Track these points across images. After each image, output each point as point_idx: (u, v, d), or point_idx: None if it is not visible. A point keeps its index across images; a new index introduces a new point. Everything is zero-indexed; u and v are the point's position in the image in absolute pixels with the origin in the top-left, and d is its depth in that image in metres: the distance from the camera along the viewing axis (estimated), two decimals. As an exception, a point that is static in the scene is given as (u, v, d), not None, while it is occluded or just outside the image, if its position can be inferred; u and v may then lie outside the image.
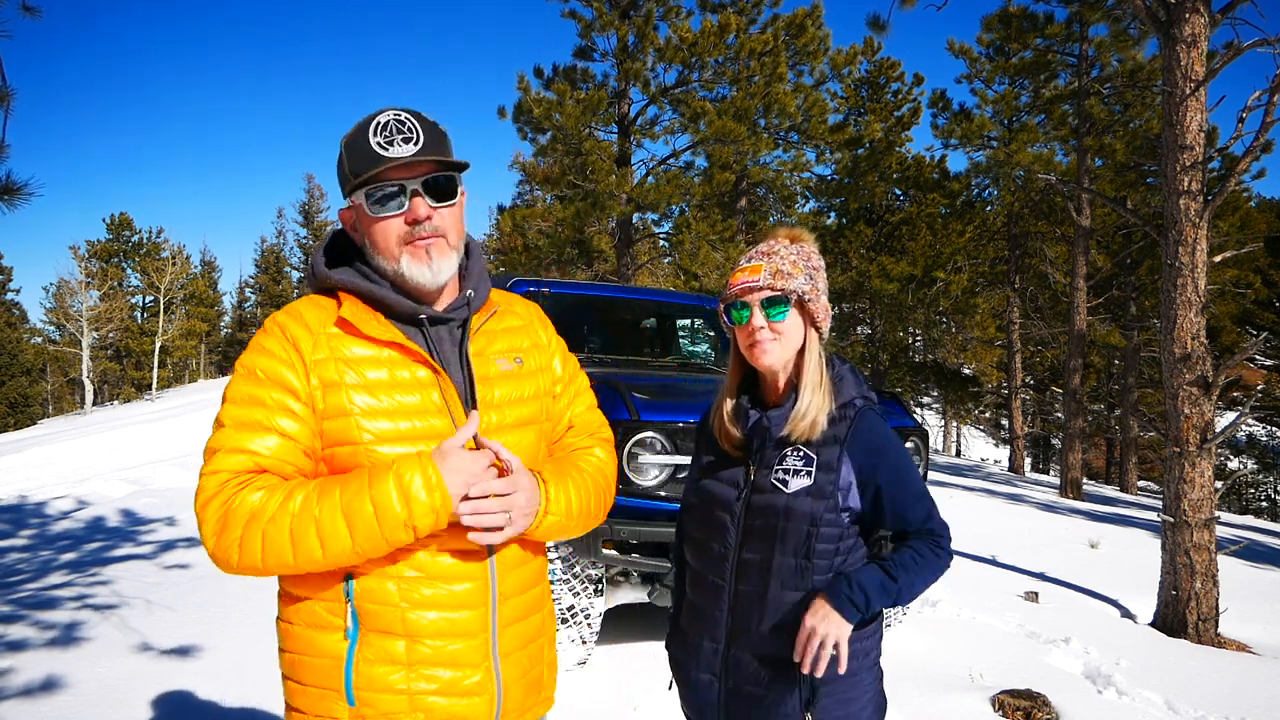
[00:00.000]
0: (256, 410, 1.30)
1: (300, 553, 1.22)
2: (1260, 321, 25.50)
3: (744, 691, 1.62)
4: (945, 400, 30.90)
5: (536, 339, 1.58)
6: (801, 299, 1.61)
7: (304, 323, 1.36)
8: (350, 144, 1.36)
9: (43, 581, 5.08)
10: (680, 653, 1.76)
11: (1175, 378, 5.57)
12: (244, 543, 1.23)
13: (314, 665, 1.33)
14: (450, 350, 1.43)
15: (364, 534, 1.21)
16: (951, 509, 9.45)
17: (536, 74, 14.92)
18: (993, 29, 16.47)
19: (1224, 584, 5.71)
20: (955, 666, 4.27)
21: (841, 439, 1.61)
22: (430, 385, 1.36)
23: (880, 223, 23.03)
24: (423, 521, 1.22)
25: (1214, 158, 5.83)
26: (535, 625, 1.49)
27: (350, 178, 1.36)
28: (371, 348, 1.35)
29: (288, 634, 1.39)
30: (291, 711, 1.38)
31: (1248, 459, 29.84)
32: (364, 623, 1.31)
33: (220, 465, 1.27)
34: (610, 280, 17.39)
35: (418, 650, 1.31)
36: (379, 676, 1.30)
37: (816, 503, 1.57)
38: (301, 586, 1.36)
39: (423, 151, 1.34)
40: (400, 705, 1.31)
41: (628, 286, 7.54)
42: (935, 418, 37.35)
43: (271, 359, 1.32)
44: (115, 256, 46.46)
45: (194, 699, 3.37)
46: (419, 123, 1.37)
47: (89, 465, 12.70)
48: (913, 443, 4.41)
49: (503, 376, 1.45)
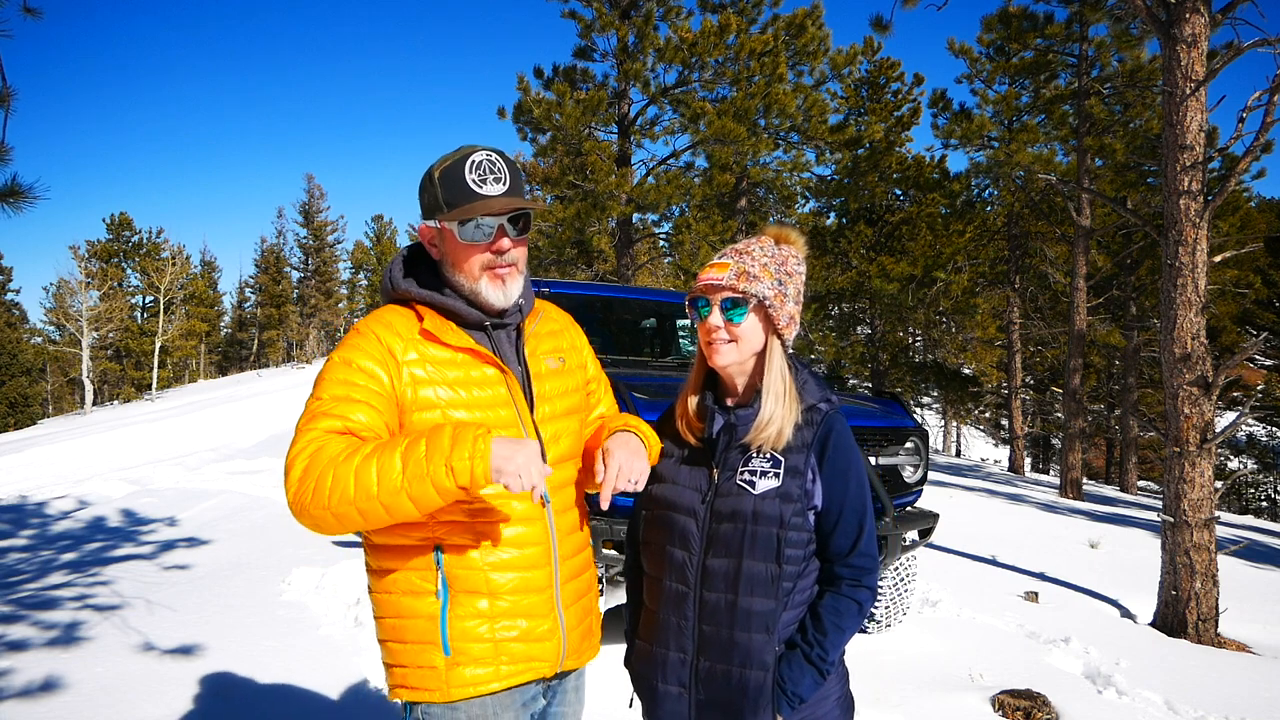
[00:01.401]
0: (352, 390, 1.50)
1: (360, 487, 1.36)
2: (1260, 321, 25.50)
3: (716, 701, 1.60)
4: (945, 400, 30.90)
5: (573, 342, 1.84)
6: (763, 303, 1.58)
7: (395, 330, 1.58)
8: (445, 175, 1.57)
9: (43, 581, 5.08)
10: (644, 666, 1.70)
11: (1175, 378, 5.57)
12: (319, 483, 1.38)
13: (413, 626, 1.54)
14: (509, 350, 1.68)
15: (413, 470, 1.35)
16: (951, 509, 9.47)
17: (536, 74, 14.92)
18: (993, 29, 16.47)
19: (1224, 584, 5.72)
20: (955, 666, 4.27)
21: (809, 443, 1.59)
22: (498, 382, 1.61)
23: (880, 223, 23.03)
24: (460, 464, 1.35)
25: (1214, 158, 5.83)
26: (586, 581, 1.73)
27: (443, 206, 1.57)
28: (448, 352, 1.59)
29: (385, 603, 1.58)
30: (394, 668, 1.58)
31: (1248, 459, 29.82)
32: (452, 585, 1.54)
33: (316, 425, 1.45)
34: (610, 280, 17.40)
35: (498, 605, 1.55)
36: (469, 629, 1.54)
37: (785, 505, 1.55)
38: (395, 560, 1.56)
39: (509, 193, 1.58)
40: (486, 651, 1.54)
41: (628, 286, 7.53)
42: (935, 418, 37.36)
43: (365, 355, 1.53)
44: (115, 256, 46.48)
45: (194, 699, 3.37)
46: (507, 165, 1.59)
47: (89, 465, 12.70)
48: (913, 443, 4.41)
49: (551, 373, 1.71)
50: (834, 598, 1.60)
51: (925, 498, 7.05)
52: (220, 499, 8.00)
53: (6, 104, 3.93)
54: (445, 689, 1.53)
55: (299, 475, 1.40)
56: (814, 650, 1.56)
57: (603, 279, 17.67)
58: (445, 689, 1.53)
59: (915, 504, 4.66)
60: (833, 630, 1.57)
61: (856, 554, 1.59)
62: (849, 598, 1.59)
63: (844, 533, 1.59)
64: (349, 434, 1.45)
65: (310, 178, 68.28)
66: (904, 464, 4.40)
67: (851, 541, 1.59)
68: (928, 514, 4.54)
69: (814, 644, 1.57)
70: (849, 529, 1.59)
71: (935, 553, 7.18)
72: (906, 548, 4.33)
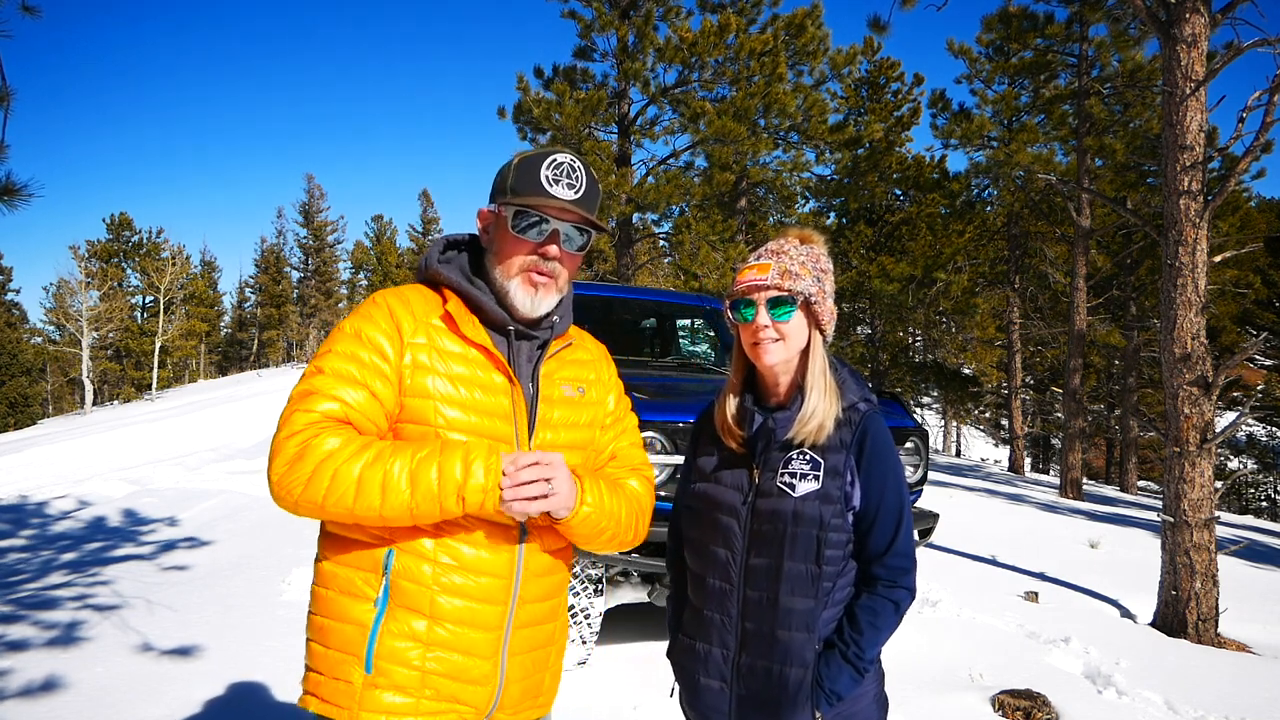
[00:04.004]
0: (354, 366, 1.42)
1: (361, 498, 1.31)
2: (1260, 321, 25.49)
3: (756, 696, 1.62)
4: (945, 400, 30.90)
5: (600, 375, 1.72)
6: (808, 301, 1.61)
7: (410, 309, 1.50)
8: (522, 164, 1.51)
9: (43, 581, 5.08)
10: (686, 660, 1.73)
11: (1175, 378, 5.57)
12: (313, 478, 1.32)
13: (340, 630, 1.43)
14: (525, 365, 1.57)
15: (423, 493, 1.32)
16: (952, 509, 9.47)
17: (536, 74, 14.92)
18: (993, 29, 16.47)
19: (1224, 584, 5.71)
20: (955, 666, 4.27)
21: (848, 444, 1.61)
22: (504, 392, 1.50)
23: (880, 223, 23.03)
24: (472, 496, 1.33)
25: (1214, 158, 5.83)
26: (546, 633, 1.58)
27: (509, 192, 1.51)
28: (462, 345, 1.50)
29: (321, 599, 1.47)
30: (310, 673, 1.47)
31: (1248, 459, 29.83)
32: (394, 598, 1.41)
33: (313, 406, 1.39)
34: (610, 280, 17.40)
35: (436, 631, 1.42)
36: (398, 650, 1.40)
37: (825, 507, 1.57)
38: (343, 554, 1.45)
39: (579, 203, 1.50)
40: (412, 680, 1.41)
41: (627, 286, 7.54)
42: (935, 418, 37.36)
43: (375, 327, 1.46)
44: (115, 256, 46.48)
45: (194, 699, 3.37)
46: (586, 176, 1.53)
47: (89, 465, 12.70)
48: (913, 443, 4.41)
49: (565, 401, 1.59)
50: (870, 598, 1.61)
51: (925, 498, 7.04)
52: (220, 499, 8.00)
53: (6, 103, 3.93)
54: (355, 710, 1.39)
55: (288, 460, 1.33)
56: (850, 649, 1.59)
57: (603, 279, 17.67)
58: (355, 710, 1.39)
59: (915, 504, 4.66)
60: (869, 629, 1.59)
61: (892, 554, 1.61)
62: (885, 598, 1.61)
63: (880, 533, 1.61)
64: (347, 423, 1.39)
65: (310, 178, 68.30)
66: (904, 464, 4.40)
67: (888, 542, 1.61)
68: (928, 514, 4.54)
69: (850, 643, 1.59)
70: (885, 529, 1.61)
71: (935, 553, 7.18)
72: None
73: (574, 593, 3.76)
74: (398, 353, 1.45)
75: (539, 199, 1.47)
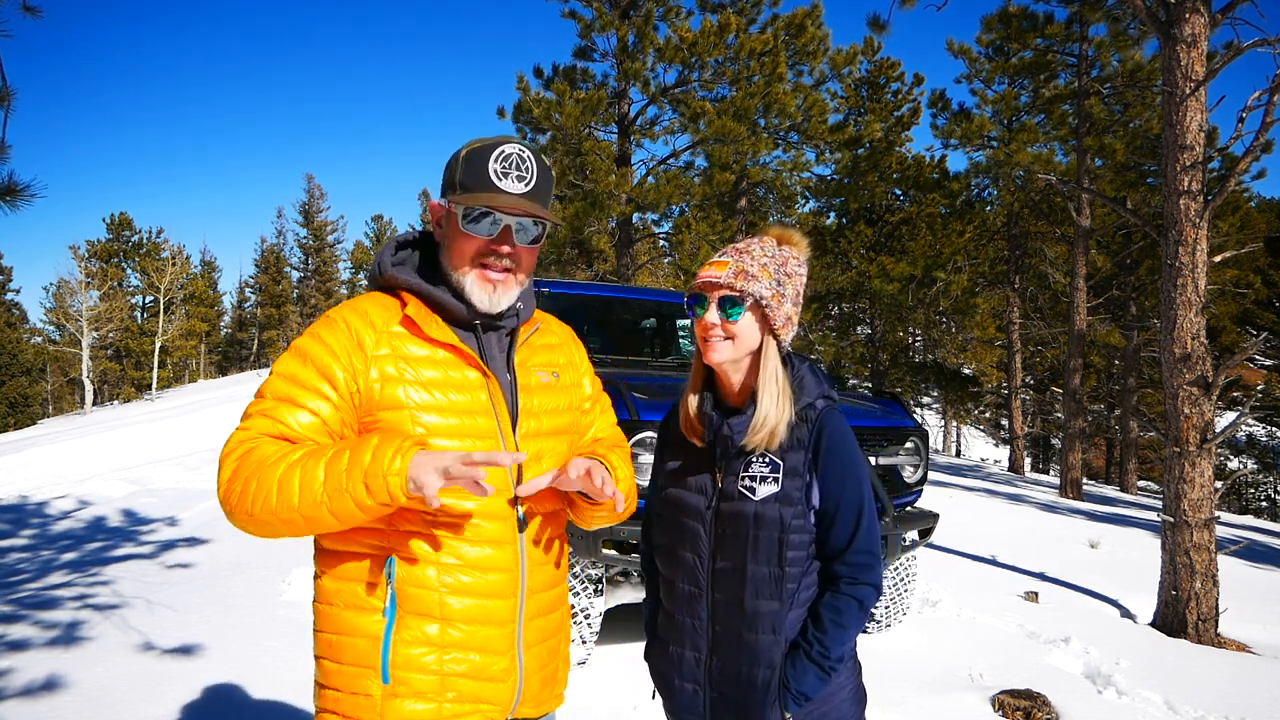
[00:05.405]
0: (297, 390, 1.39)
1: (281, 497, 1.29)
2: (1260, 321, 25.49)
3: (728, 698, 1.63)
4: (945, 400, 30.90)
5: (570, 358, 1.70)
6: (759, 303, 1.58)
7: (369, 320, 1.45)
8: (469, 157, 1.46)
9: (43, 581, 5.08)
10: (662, 663, 1.75)
11: (1175, 378, 5.57)
12: (244, 487, 1.31)
13: (352, 645, 1.40)
14: (498, 355, 1.54)
15: (332, 481, 1.28)
16: (951, 509, 9.47)
17: (536, 74, 14.93)
18: (993, 29, 16.47)
19: (1224, 584, 5.71)
20: (955, 666, 4.27)
21: (806, 443, 1.60)
22: (479, 387, 1.46)
23: (880, 223, 23.02)
24: (375, 482, 1.26)
25: (1214, 158, 5.83)
26: (555, 621, 1.59)
27: (457, 188, 1.47)
28: (428, 347, 1.45)
29: (325, 615, 1.44)
30: (325, 690, 1.44)
31: (1248, 459, 29.83)
32: (402, 605, 1.38)
33: (252, 425, 1.37)
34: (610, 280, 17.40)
35: (449, 634, 1.40)
36: (414, 658, 1.38)
37: (785, 509, 1.57)
38: (341, 568, 1.43)
39: (528, 195, 1.47)
40: (431, 685, 1.39)
41: (627, 286, 7.53)
42: (935, 418, 37.36)
43: (324, 349, 1.41)
44: (115, 256, 46.47)
45: (194, 699, 3.37)
46: (537, 168, 1.48)
47: (89, 465, 12.70)
48: (913, 443, 4.41)
49: (541, 387, 1.57)
50: (833, 596, 1.61)
51: (925, 498, 7.04)
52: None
53: (7, 103, 3.93)
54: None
55: (229, 475, 1.33)
56: (815, 649, 1.58)
57: (603, 279, 17.68)
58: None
59: (915, 504, 4.66)
60: (832, 628, 1.58)
61: (854, 551, 1.59)
62: (848, 595, 1.60)
63: (841, 530, 1.60)
64: (283, 439, 1.36)
65: (310, 178, 68.24)
66: (904, 464, 4.41)
67: (848, 538, 1.60)
68: (928, 514, 4.54)
69: (814, 643, 1.58)
70: (845, 526, 1.60)
71: (935, 553, 7.18)
72: (907, 548, 4.34)
73: (574, 593, 3.76)
74: (356, 370, 1.39)
75: (488, 195, 1.44)
